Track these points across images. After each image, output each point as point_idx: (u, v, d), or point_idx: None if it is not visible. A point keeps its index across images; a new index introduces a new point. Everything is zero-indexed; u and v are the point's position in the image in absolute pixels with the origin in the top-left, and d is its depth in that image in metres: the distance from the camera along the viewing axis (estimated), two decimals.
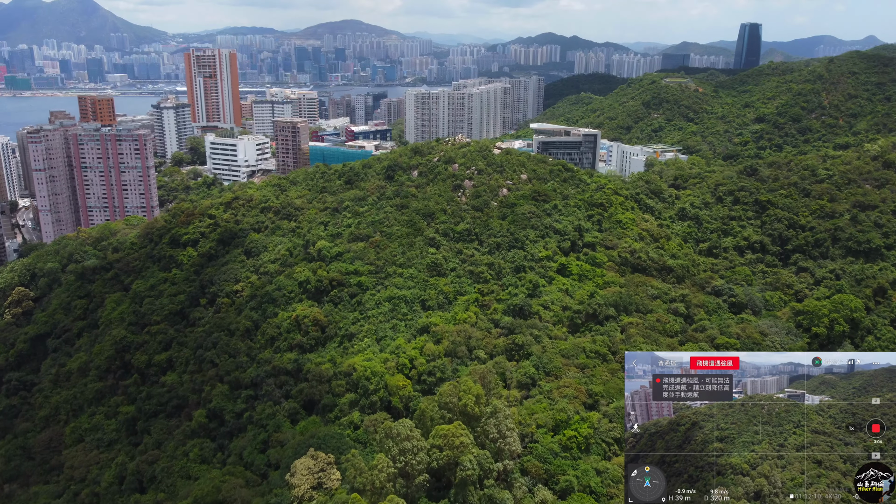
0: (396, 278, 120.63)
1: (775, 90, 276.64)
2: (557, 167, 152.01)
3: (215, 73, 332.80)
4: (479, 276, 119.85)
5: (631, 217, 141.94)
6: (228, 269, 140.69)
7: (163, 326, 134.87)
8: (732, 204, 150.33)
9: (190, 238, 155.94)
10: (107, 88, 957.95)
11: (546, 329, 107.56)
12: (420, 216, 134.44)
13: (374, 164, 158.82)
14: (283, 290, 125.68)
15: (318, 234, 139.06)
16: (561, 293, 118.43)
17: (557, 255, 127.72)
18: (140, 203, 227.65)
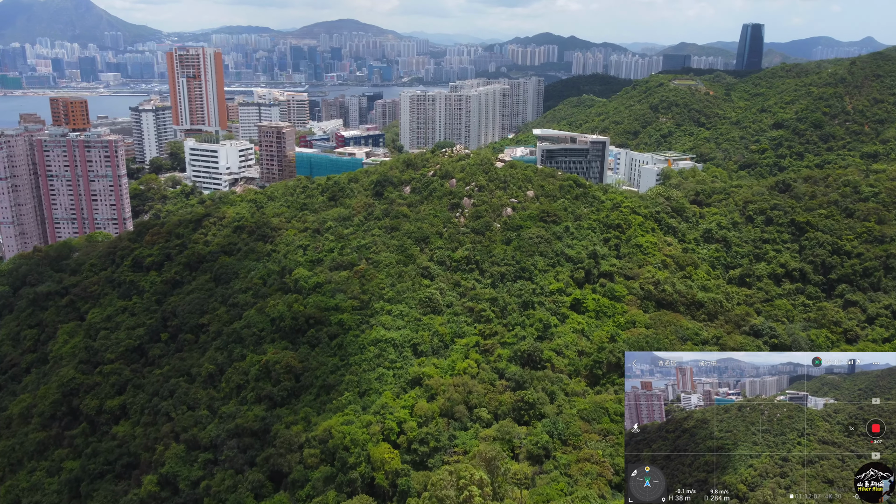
0: (384, 316, 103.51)
1: (794, 94, 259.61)
2: (568, 182, 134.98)
3: (199, 74, 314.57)
4: (481, 314, 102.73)
5: (652, 240, 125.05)
6: (194, 298, 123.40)
7: (117, 366, 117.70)
8: (765, 224, 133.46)
9: (154, 260, 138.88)
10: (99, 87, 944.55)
11: (561, 382, 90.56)
12: (412, 240, 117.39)
13: (362, 177, 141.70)
14: (254, 327, 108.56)
15: (296, 259, 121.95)
16: (576, 335, 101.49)
17: (570, 286, 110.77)
18: (111, 215, 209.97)
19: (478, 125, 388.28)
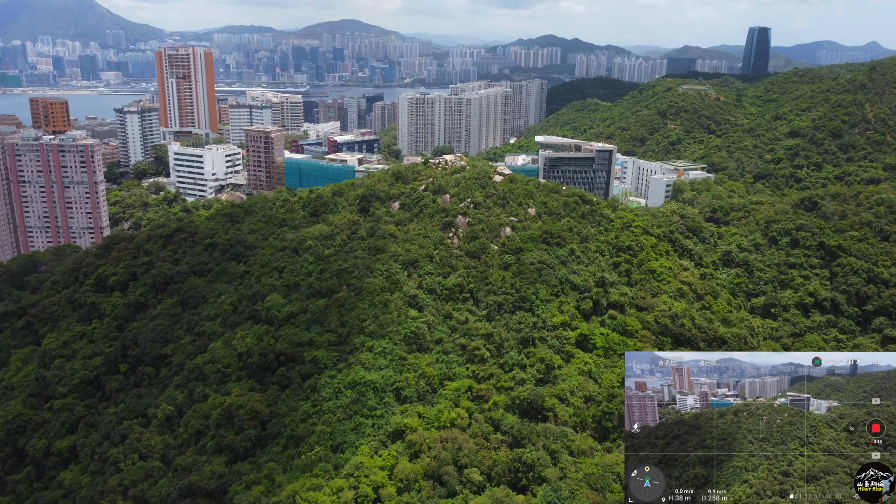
0: (365, 353, 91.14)
1: (810, 100, 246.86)
2: (573, 199, 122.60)
3: (189, 74, 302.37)
4: (474, 353, 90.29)
5: (667, 265, 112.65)
6: (158, 325, 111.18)
7: (70, 401, 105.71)
8: (790, 247, 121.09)
9: (119, 280, 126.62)
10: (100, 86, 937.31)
11: (565, 438, 78.13)
12: (400, 264, 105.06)
13: (347, 191, 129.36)
14: (219, 362, 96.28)
15: (270, 283, 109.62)
16: (583, 377, 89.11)
17: (576, 319, 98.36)
18: (87, 223, 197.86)
19: (478, 129, 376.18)
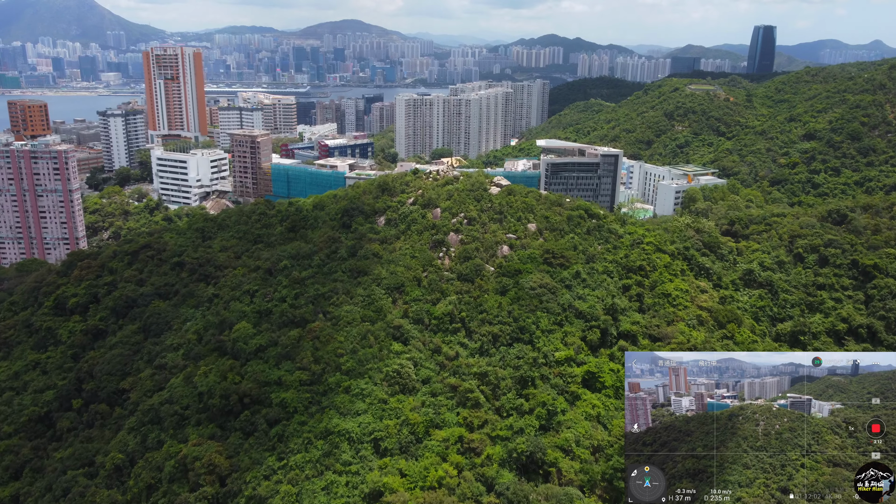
0: (340, 396, 79.67)
1: (825, 101, 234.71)
2: (578, 213, 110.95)
3: (177, 75, 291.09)
4: (466, 395, 78.75)
5: (682, 287, 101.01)
6: (116, 355, 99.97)
7: (16, 442, 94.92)
8: (819, 266, 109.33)
9: (79, 302, 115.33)
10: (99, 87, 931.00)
11: (570, 502, 66.64)
12: (383, 289, 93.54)
13: (329, 204, 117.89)
14: (177, 403, 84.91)
15: (240, 308, 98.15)
16: (590, 423, 77.60)
17: (582, 352, 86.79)
18: (62, 233, 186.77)
19: (478, 131, 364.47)
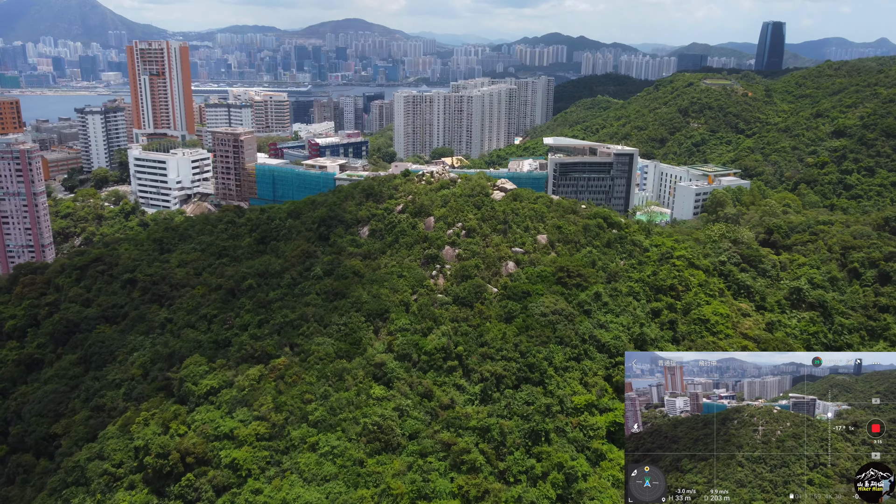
0: (305, 455, 63.60)
1: (855, 95, 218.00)
2: (595, 221, 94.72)
3: (163, 71, 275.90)
4: (462, 456, 62.62)
5: (722, 311, 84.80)
6: (49, 392, 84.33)
7: None
8: (879, 283, 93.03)
9: (17, 325, 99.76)
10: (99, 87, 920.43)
11: None
12: (363, 316, 77.47)
13: (305, 211, 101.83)
14: (108, 460, 68.98)
15: (194, 337, 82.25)
16: (619, 491, 61.49)
17: (606, 395, 70.73)
18: (26, 240, 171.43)
19: (480, 129, 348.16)
